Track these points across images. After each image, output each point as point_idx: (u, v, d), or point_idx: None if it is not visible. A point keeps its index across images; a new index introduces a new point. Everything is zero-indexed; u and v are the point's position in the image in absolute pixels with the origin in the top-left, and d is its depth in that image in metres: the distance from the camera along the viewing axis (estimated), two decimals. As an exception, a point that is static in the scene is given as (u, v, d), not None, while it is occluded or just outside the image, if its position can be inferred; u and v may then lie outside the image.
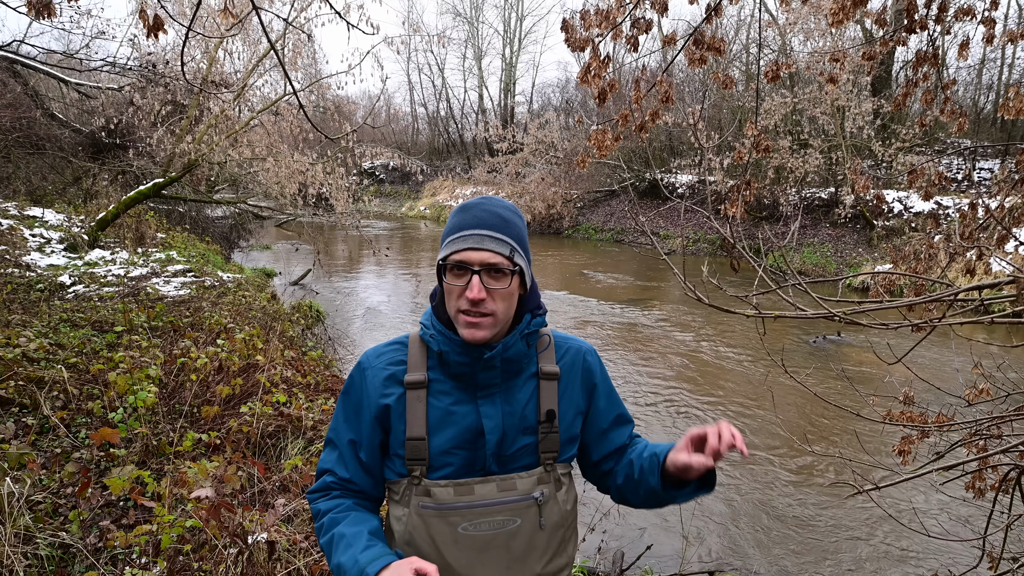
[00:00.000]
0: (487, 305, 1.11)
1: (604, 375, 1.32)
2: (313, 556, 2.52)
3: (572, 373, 1.25)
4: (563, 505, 1.20)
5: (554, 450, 1.19)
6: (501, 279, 1.12)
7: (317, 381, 4.98)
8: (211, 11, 8.39)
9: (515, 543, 1.14)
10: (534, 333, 1.20)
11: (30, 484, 2.64)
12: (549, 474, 1.19)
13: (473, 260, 1.10)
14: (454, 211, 1.19)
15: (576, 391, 1.25)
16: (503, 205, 1.18)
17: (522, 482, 1.16)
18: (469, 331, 1.12)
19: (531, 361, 1.22)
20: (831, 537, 4.28)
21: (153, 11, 2.41)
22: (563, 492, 1.21)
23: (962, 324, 2.04)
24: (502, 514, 1.14)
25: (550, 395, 1.20)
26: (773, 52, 17.49)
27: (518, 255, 1.14)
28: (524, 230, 1.20)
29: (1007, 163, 12.39)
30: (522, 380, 1.21)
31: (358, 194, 12.49)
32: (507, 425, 1.17)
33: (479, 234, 1.11)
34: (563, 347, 1.27)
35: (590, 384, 1.27)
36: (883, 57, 2.74)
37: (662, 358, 8.15)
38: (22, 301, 5.81)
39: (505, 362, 1.17)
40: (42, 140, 11.44)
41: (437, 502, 1.13)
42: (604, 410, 1.30)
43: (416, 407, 1.16)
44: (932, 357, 7.87)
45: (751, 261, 2.18)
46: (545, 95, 34.35)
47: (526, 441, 1.18)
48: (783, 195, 17.33)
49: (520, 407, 1.19)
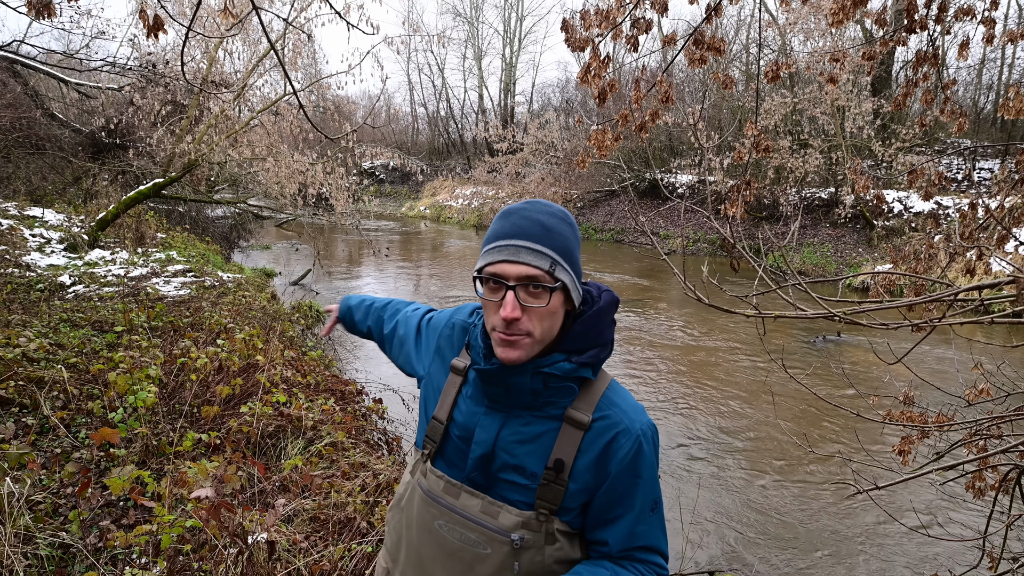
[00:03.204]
0: (522, 325, 1.01)
1: (633, 470, 1.06)
2: (313, 556, 2.52)
3: (597, 440, 1.06)
4: (548, 562, 1.07)
5: (554, 503, 1.05)
6: (539, 296, 1.01)
7: (317, 381, 4.98)
8: (211, 11, 8.39)
9: (480, 568, 1.07)
10: (556, 377, 1.05)
11: (30, 484, 2.64)
12: (541, 524, 1.06)
13: (509, 274, 1.00)
14: (497, 216, 1.08)
15: (591, 461, 1.06)
16: (548, 211, 1.05)
17: (506, 516, 1.06)
18: (503, 351, 1.03)
19: (554, 403, 1.08)
20: (831, 537, 4.27)
21: (153, 11, 2.41)
22: (555, 548, 1.07)
23: (962, 324, 2.04)
24: (476, 534, 1.07)
25: (569, 445, 1.05)
26: (773, 52, 17.49)
27: (560, 269, 1.01)
28: (572, 239, 1.06)
29: (1007, 163, 12.37)
30: (535, 416, 1.08)
31: (358, 194, 12.50)
32: (498, 448, 1.09)
33: (516, 245, 1.01)
34: (605, 408, 1.07)
35: (604, 470, 1.06)
36: (883, 57, 2.74)
37: (662, 358, 8.15)
38: (22, 301, 5.81)
39: (510, 388, 1.07)
40: (42, 140, 11.45)
41: (427, 488, 1.15)
42: (606, 510, 1.08)
43: (450, 391, 1.18)
44: (932, 357, 7.87)
45: (751, 261, 2.17)
46: (545, 95, 34.42)
47: (518, 479, 1.07)
48: (783, 195, 17.34)
49: (519, 441, 1.08)
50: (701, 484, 4.88)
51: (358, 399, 5.25)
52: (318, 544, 2.67)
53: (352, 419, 4.35)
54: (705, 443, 5.66)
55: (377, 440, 4.47)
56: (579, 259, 1.09)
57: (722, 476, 5.07)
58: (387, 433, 4.79)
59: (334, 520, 2.83)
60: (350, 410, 4.67)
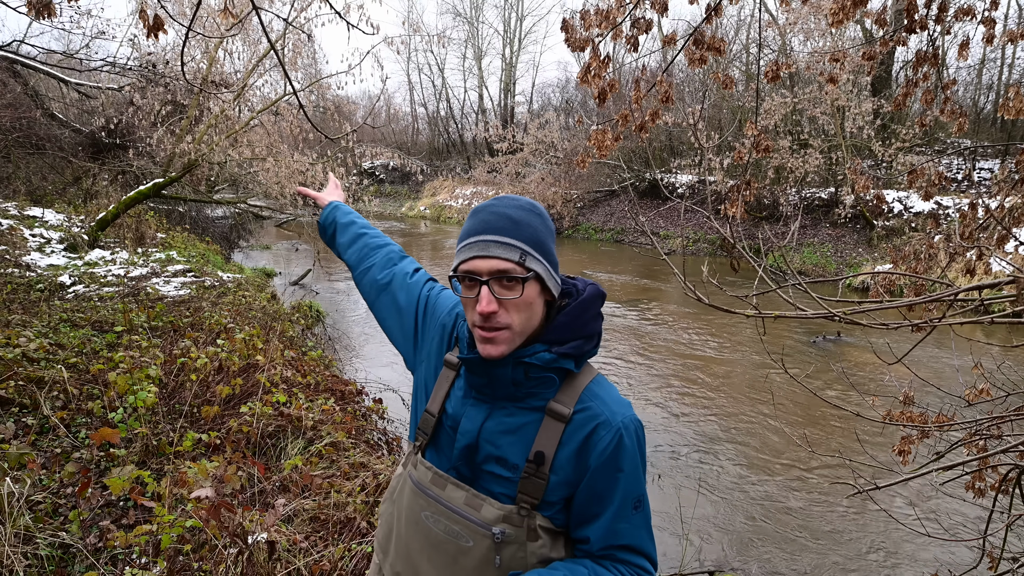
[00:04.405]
0: (500, 318, 1.02)
1: (614, 463, 1.04)
2: (313, 556, 2.52)
3: (576, 432, 1.05)
4: (532, 560, 1.05)
5: (535, 497, 1.04)
6: (513, 288, 1.02)
7: (317, 381, 4.98)
8: (211, 11, 8.39)
9: (464, 561, 1.07)
10: (536, 367, 1.05)
11: (30, 484, 2.64)
12: (523, 519, 1.05)
13: (481, 269, 1.01)
14: (468, 215, 1.10)
15: (571, 453, 1.05)
16: (515, 204, 1.07)
17: (489, 510, 1.06)
18: (484, 347, 1.04)
19: (536, 394, 1.08)
20: (831, 537, 4.28)
21: (153, 11, 2.41)
22: (538, 546, 1.05)
23: (962, 324, 2.04)
24: (459, 526, 1.07)
25: (550, 437, 1.05)
26: (773, 52, 17.49)
27: (531, 259, 1.03)
28: (542, 229, 1.07)
29: (1007, 163, 12.36)
30: (518, 408, 1.09)
31: (358, 194, 12.49)
32: (482, 439, 1.09)
33: (485, 240, 1.02)
34: (587, 400, 1.07)
35: (584, 463, 1.05)
36: (883, 57, 2.74)
37: (662, 358, 8.14)
38: (22, 301, 5.81)
39: (492, 379, 1.07)
40: (42, 140, 11.45)
41: (417, 479, 1.16)
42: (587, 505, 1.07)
43: (443, 384, 1.18)
44: (932, 357, 7.87)
45: (751, 261, 2.17)
46: (545, 95, 34.39)
47: (500, 471, 1.07)
48: (783, 195, 17.34)
49: (503, 432, 1.08)
50: (701, 484, 4.88)
51: (358, 399, 5.26)
52: (318, 544, 2.67)
53: (352, 419, 4.35)
54: (705, 443, 5.66)
55: (377, 440, 4.47)
56: (552, 249, 1.09)
57: (722, 476, 5.07)
58: (387, 433, 4.79)
59: (334, 520, 2.84)
60: (350, 410, 4.67)
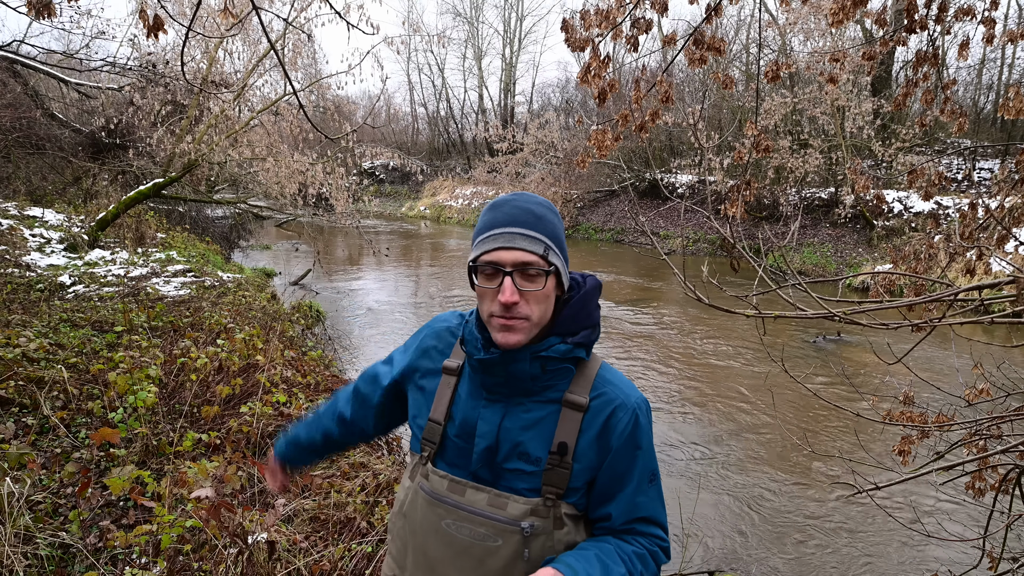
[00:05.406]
0: (521, 309, 1.04)
1: (633, 442, 1.11)
2: (313, 556, 2.52)
3: (596, 418, 1.10)
4: (558, 547, 1.09)
5: (560, 487, 1.08)
6: (535, 280, 1.05)
7: (317, 381, 4.97)
8: (211, 11, 8.39)
9: (491, 561, 1.08)
10: (554, 360, 1.09)
11: (30, 484, 2.64)
12: (549, 509, 1.08)
13: (505, 260, 1.04)
14: (485, 208, 1.12)
15: (592, 439, 1.10)
16: (536, 200, 1.11)
17: (514, 506, 1.08)
18: (503, 335, 1.05)
19: (552, 387, 1.11)
20: (831, 537, 4.28)
21: (153, 11, 2.41)
22: (563, 533, 1.10)
23: (962, 324, 2.04)
24: (485, 528, 1.08)
25: (570, 427, 1.09)
26: (773, 52, 17.49)
27: (553, 254, 1.07)
28: (560, 227, 1.12)
29: (1007, 163, 12.37)
30: (535, 402, 1.11)
31: (358, 194, 12.50)
32: (502, 439, 1.11)
33: (510, 232, 1.05)
34: (600, 386, 1.12)
35: (605, 446, 1.10)
36: (883, 57, 2.74)
37: (662, 358, 8.15)
38: (22, 301, 5.81)
39: (510, 376, 1.09)
40: (42, 140, 11.45)
41: (431, 489, 1.14)
42: (609, 484, 1.12)
43: (444, 392, 1.18)
44: (932, 357, 7.87)
45: (751, 261, 2.17)
46: (545, 95, 34.37)
47: (523, 467, 1.09)
48: (783, 195, 17.34)
49: (522, 428, 1.10)
50: (701, 484, 4.88)
51: (358, 399, 5.24)
52: (318, 544, 2.67)
53: (352, 419, 4.34)
54: (705, 443, 5.66)
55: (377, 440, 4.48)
56: (566, 247, 1.15)
57: (722, 476, 5.07)
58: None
59: (334, 520, 2.84)
60: (350, 410, 4.66)
